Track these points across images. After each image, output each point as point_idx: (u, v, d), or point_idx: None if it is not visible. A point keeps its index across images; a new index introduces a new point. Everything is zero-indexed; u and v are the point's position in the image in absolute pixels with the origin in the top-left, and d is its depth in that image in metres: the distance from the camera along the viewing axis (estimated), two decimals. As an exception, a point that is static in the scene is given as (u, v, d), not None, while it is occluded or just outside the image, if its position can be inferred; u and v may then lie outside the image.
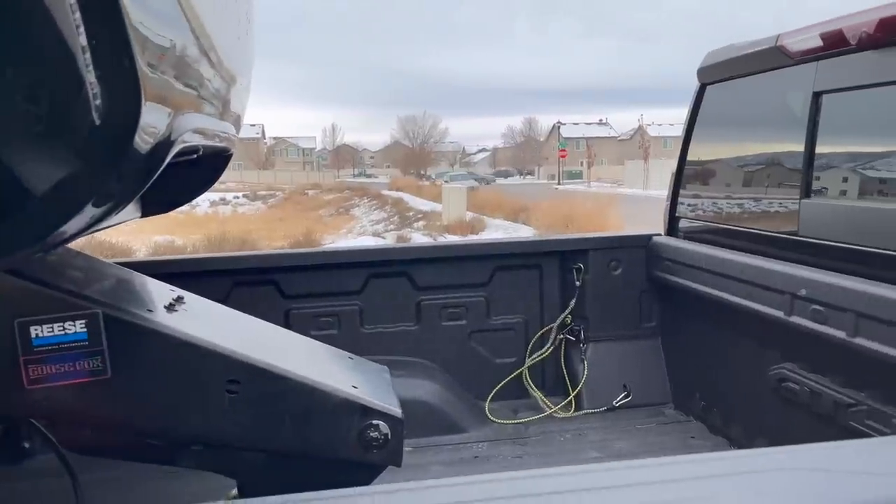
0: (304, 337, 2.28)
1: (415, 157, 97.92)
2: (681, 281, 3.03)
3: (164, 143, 1.33)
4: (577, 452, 2.85)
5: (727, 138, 3.11)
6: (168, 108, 1.30)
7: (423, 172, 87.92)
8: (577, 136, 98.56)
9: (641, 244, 3.32)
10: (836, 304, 2.11)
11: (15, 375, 1.60)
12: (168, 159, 1.38)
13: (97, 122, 1.07)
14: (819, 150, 2.41)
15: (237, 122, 2.20)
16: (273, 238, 21.04)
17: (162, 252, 14.71)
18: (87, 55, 0.99)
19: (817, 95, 2.38)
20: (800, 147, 2.47)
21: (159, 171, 1.38)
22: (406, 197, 38.88)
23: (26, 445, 3.01)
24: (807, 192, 2.44)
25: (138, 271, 2.19)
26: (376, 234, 24.00)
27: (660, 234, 3.33)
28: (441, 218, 25.94)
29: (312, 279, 3.16)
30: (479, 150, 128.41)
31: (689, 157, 3.22)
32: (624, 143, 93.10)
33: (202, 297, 2.08)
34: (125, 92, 1.09)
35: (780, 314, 2.36)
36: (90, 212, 1.24)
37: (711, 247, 2.93)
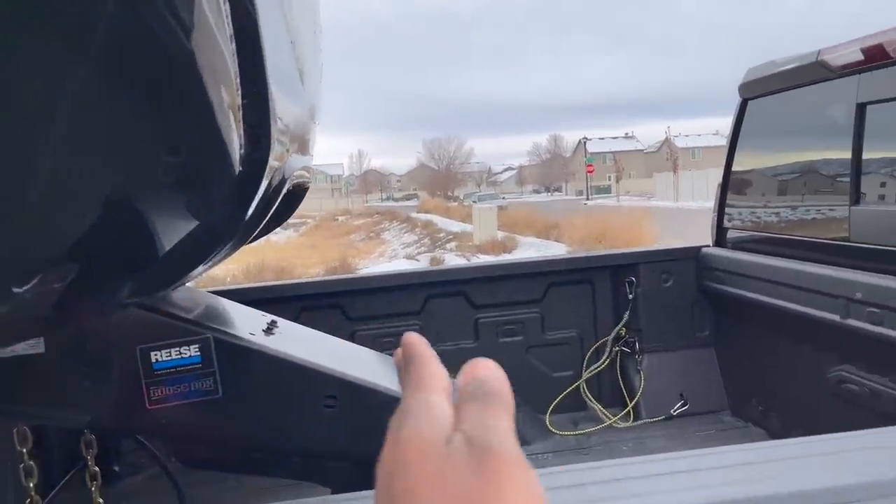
0: (382, 354, 2.42)
1: (441, 179, 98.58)
2: (733, 290, 3.12)
3: (279, 185, 1.49)
4: None
5: (771, 150, 3.21)
6: (283, 150, 1.46)
7: (450, 194, 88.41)
8: (604, 151, 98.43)
9: (691, 256, 3.42)
10: (892, 306, 2.20)
11: (138, 397, 1.76)
12: (279, 199, 1.53)
13: (237, 171, 1.21)
14: (866, 158, 2.50)
15: (311, 156, 2.37)
16: (308, 265, 21.32)
17: (203, 283, 15.02)
18: (240, 113, 1.14)
19: (861, 106, 2.49)
20: (846, 156, 2.56)
21: (271, 212, 1.54)
22: (435, 219, 39.11)
23: (116, 469, 3.19)
24: (856, 199, 2.53)
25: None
26: (409, 257, 24.17)
27: (708, 246, 3.43)
28: (472, 238, 26.09)
29: (375, 301, 3.32)
30: (506, 169, 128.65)
31: (734, 170, 3.33)
32: (651, 156, 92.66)
33: (289, 321, 2.24)
34: (262, 141, 1.25)
35: (835, 318, 2.45)
36: (218, 254, 1.40)
37: (762, 255, 3.02)
